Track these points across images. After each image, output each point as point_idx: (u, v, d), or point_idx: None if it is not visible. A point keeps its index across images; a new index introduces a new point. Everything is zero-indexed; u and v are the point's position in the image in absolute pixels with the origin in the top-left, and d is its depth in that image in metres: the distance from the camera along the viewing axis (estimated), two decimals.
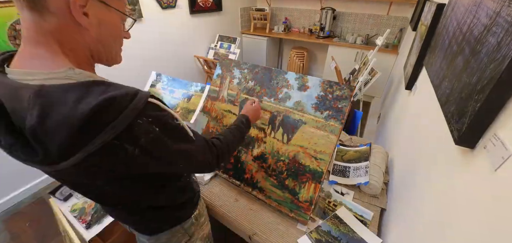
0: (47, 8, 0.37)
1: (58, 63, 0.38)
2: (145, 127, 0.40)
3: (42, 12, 0.37)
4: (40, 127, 0.34)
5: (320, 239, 0.89)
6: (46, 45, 0.39)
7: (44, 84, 0.35)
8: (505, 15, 0.50)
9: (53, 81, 0.36)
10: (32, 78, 0.36)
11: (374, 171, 1.09)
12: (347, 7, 3.38)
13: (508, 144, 0.43)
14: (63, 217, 1.13)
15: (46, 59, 0.39)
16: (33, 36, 0.38)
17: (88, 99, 0.34)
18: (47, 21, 0.37)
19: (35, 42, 0.39)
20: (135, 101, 0.38)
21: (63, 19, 0.38)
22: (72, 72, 0.38)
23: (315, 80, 1.01)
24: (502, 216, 0.41)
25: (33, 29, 0.38)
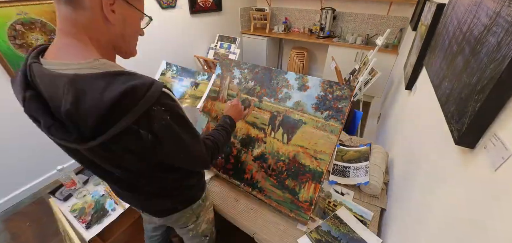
0: (82, 3, 0.42)
1: (86, 54, 0.44)
2: (159, 114, 0.45)
3: (76, 7, 0.42)
4: (74, 110, 0.39)
5: (320, 239, 0.89)
6: (77, 36, 0.44)
7: (77, 73, 0.40)
8: (505, 15, 0.50)
9: (83, 71, 0.41)
10: (66, 68, 0.42)
11: (374, 171, 1.09)
12: (347, 7, 3.38)
13: (508, 144, 0.43)
14: (63, 217, 1.13)
15: (76, 48, 0.44)
16: (67, 28, 0.44)
17: (113, 87, 0.40)
18: (80, 15, 0.43)
19: (68, 33, 0.44)
20: (152, 90, 0.44)
21: (94, 15, 0.44)
22: (97, 63, 0.43)
23: (315, 80, 1.01)
24: (502, 216, 0.41)
25: (67, 21, 0.44)
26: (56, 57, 0.45)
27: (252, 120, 1.12)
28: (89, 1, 0.43)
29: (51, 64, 0.43)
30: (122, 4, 0.48)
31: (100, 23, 0.46)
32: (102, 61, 0.44)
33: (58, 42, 0.46)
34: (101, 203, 1.19)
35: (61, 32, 0.45)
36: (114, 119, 0.41)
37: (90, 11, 0.44)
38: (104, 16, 0.45)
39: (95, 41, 0.47)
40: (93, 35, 0.46)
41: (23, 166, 1.88)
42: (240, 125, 1.14)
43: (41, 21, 1.70)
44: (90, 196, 1.22)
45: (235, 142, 1.14)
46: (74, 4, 0.42)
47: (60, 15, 0.44)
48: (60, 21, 0.44)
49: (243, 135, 1.13)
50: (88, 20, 0.44)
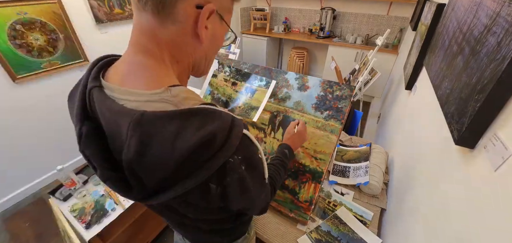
0: (174, 16, 0.34)
1: (161, 79, 0.36)
2: (234, 166, 0.37)
3: (166, 19, 0.34)
4: (138, 162, 0.31)
5: (320, 239, 0.89)
6: (156, 55, 0.37)
7: (145, 111, 0.31)
8: (505, 15, 0.50)
9: (152, 106, 0.33)
10: (133, 99, 0.34)
11: (374, 171, 1.09)
12: (347, 7, 3.38)
13: (508, 144, 0.43)
14: (63, 217, 1.13)
15: (152, 72, 0.36)
16: (146, 43, 0.36)
17: (186, 135, 0.31)
18: (167, 29, 0.35)
19: (145, 50, 0.36)
20: (232, 138, 0.35)
21: (184, 30, 0.36)
22: (169, 95, 0.34)
23: (315, 80, 1.01)
24: (502, 216, 0.41)
25: (148, 36, 0.36)
26: (123, 81, 0.36)
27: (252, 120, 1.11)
28: (182, 13, 0.34)
29: (116, 91, 0.35)
30: (215, 19, 0.39)
31: (188, 40, 0.38)
32: (175, 91, 0.35)
33: (130, 60, 0.37)
34: (101, 203, 1.19)
35: (136, 48, 0.37)
36: (184, 174, 0.33)
37: (181, 26, 0.36)
38: (195, 33, 0.37)
39: (176, 61, 0.40)
40: (176, 54, 0.39)
41: (23, 166, 1.88)
42: None
43: (41, 21, 1.71)
44: (90, 196, 1.22)
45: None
46: (164, 16, 0.34)
47: (139, 26, 0.36)
48: (137, 34, 0.36)
49: None
50: (175, 37, 0.36)
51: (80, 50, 1.98)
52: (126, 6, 2.21)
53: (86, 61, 2.04)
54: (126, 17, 2.25)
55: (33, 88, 1.79)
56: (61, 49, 1.87)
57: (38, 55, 1.75)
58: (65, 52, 1.89)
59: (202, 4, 0.35)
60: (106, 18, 2.10)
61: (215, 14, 0.37)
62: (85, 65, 2.06)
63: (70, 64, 1.95)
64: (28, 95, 1.78)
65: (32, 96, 1.80)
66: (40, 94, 1.84)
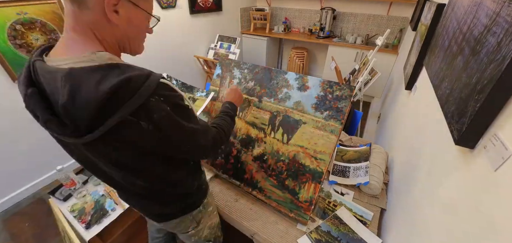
0: (86, 3, 0.43)
1: (87, 48, 0.45)
2: (157, 105, 0.45)
3: (81, 6, 0.43)
4: (70, 104, 0.39)
5: (320, 239, 0.89)
6: (81, 32, 0.45)
7: (73, 67, 0.41)
8: (505, 15, 0.50)
9: (80, 64, 0.42)
10: (64, 63, 0.43)
11: (374, 171, 1.09)
12: (347, 7, 3.38)
13: (508, 144, 0.43)
14: (63, 217, 1.13)
15: (79, 43, 0.45)
16: (73, 24, 0.45)
17: (108, 79, 0.40)
18: (84, 13, 0.44)
19: (73, 29, 0.45)
20: (149, 81, 0.43)
21: (97, 14, 0.45)
22: (94, 56, 0.43)
23: (315, 80, 1.01)
24: (502, 216, 0.41)
25: (73, 18, 0.45)
26: (59, 53, 0.46)
27: (252, 120, 1.11)
28: (92, 2, 0.43)
29: (53, 60, 0.44)
30: (127, 5, 0.47)
31: (104, 22, 0.46)
32: (100, 54, 0.44)
33: (64, 38, 0.47)
34: (100, 203, 1.19)
35: (68, 28, 0.46)
36: (110, 112, 0.41)
37: (94, 11, 0.44)
38: (107, 17, 0.45)
39: (101, 38, 0.48)
40: (98, 33, 0.47)
41: (23, 166, 1.88)
42: (240, 125, 1.14)
43: (41, 21, 1.70)
44: (89, 196, 1.22)
45: (235, 142, 1.14)
46: (78, 3, 0.43)
47: (66, 12, 0.45)
48: (67, 18, 0.45)
49: (243, 135, 1.13)
50: (92, 19, 0.45)
51: None
52: None
53: None
54: None
55: None
56: None
57: None
58: None
59: None
60: None
61: (123, 0, 0.46)
62: None
63: None
64: None
65: None
66: None
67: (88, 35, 0.46)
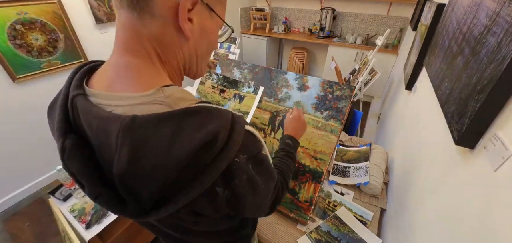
0: (151, 9, 0.31)
1: (151, 80, 0.33)
2: (241, 166, 0.34)
3: (143, 14, 0.31)
4: (131, 172, 0.28)
5: (320, 239, 0.89)
6: (140, 53, 0.33)
7: (136, 115, 0.28)
8: (505, 15, 0.50)
9: (143, 109, 0.30)
10: (122, 103, 0.30)
11: (374, 171, 1.09)
12: (347, 7, 3.38)
13: (508, 144, 0.43)
14: (63, 217, 1.13)
15: (140, 72, 0.33)
16: (128, 41, 0.33)
17: (183, 138, 0.28)
18: (147, 25, 0.32)
19: (128, 49, 0.33)
20: (235, 134, 0.32)
21: (165, 25, 0.33)
22: (162, 96, 0.31)
23: (315, 80, 1.01)
24: (502, 216, 0.41)
25: (130, 33, 0.32)
26: (110, 86, 0.32)
27: (252, 120, 1.11)
28: (160, 6, 0.31)
29: (101, 97, 0.31)
30: (202, 11, 0.35)
31: (172, 36, 0.34)
32: (168, 91, 0.32)
33: (115, 62, 0.34)
34: None
35: (121, 48, 0.33)
36: (184, 183, 0.29)
37: (161, 20, 0.32)
38: (177, 28, 0.33)
39: (164, 61, 0.36)
40: (162, 53, 0.35)
41: (23, 166, 1.88)
42: None
43: (41, 21, 1.70)
44: None
45: None
46: (141, 11, 0.31)
47: (121, 25, 0.33)
48: (120, 34, 0.33)
49: None
50: (157, 33, 0.33)
51: (80, 50, 1.98)
52: None
53: None
54: None
55: (33, 88, 1.79)
56: (61, 49, 1.86)
57: (38, 55, 1.75)
58: (65, 52, 1.89)
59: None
60: (106, 18, 2.10)
61: (200, 4, 0.34)
62: None
63: (70, 64, 1.94)
64: (28, 95, 1.78)
65: (32, 96, 1.79)
66: (40, 94, 1.84)
67: (150, 58, 0.34)
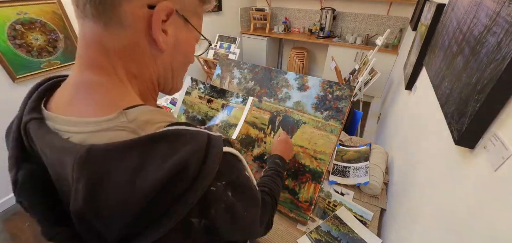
0: (119, 19, 0.28)
1: (116, 100, 0.29)
2: (218, 195, 0.30)
3: (110, 24, 0.28)
4: (90, 211, 0.25)
5: (320, 239, 0.89)
6: (104, 69, 0.30)
7: (93, 145, 0.24)
8: (505, 15, 0.50)
9: (103, 136, 0.26)
10: (76, 130, 0.27)
11: (374, 171, 1.09)
12: (347, 7, 3.38)
13: (508, 144, 0.43)
14: None
15: (100, 91, 0.29)
16: (94, 57, 0.29)
17: (148, 169, 0.25)
18: (114, 36, 0.29)
19: (95, 66, 0.29)
20: (209, 162, 0.28)
21: (135, 36, 0.30)
22: (124, 121, 0.27)
23: (315, 80, 1.01)
24: (502, 216, 0.41)
25: (94, 46, 0.29)
26: (69, 108, 0.29)
27: (252, 120, 1.11)
28: (130, 16, 0.28)
29: (59, 121, 0.28)
30: (178, 22, 0.32)
31: (143, 49, 0.31)
32: (133, 114, 0.28)
33: (75, 80, 0.30)
34: None
35: (82, 63, 0.30)
36: (153, 218, 0.26)
37: (131, 31, 0.29)
38: (151, 39, 0.31)
39: (133, 76, 0.32)
40: (131, 67, 0.31)
41: None
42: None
43: (40, 21, 1.70)
44: None
45: (235, 142, 1.14)
46: (108, 20, 0.28)
47: (83, 37, 0.29)
48: (82, 46, 0.30)
49: (243, 135, 1.13)
50: (126, 45, 0.30)
51: None
52: None
53: None
54: None
55: None
56: (61, 49, 1.87)
57: (38, 55, 1.75)
58: (65, 52, 1.89)
59: (155, 3, 0.29)
60: None
61: (175, 15, 0.31)
62: None
63: (70, 64, 1.94)
64: None
65: None
66: None
67: (117, 74, 0.30)
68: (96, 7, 0.27)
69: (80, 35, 0.30)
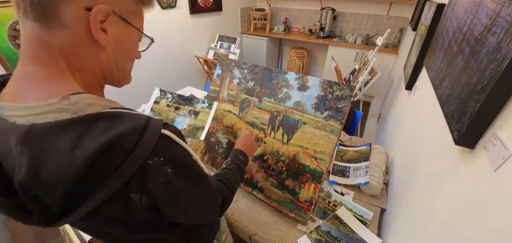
0: (60, 20, 0.31)
1: (56, 88, 0.32)
2: (156, 169, 0.33)
3: (51, 25, 0.31)
4: (32, 181, 0.27)
5: (320, 239, 0.89)
6: (46, 63, 0.32)
7: (35, 123, 0.28)
8: (505, 15, 0.50)
9: (43, 118, 0.29)
10: (19, 114, 0.29)
11: (374, 171, 1.09)
12: (347, 7, 3.38)
13: (508, 144, 0.43)
14: None
15: (44, 81, 0.32)
16: (35, 52, 0.32)
17: (87, 141, 0.28)
18: (56, 35, 0.32)
19: (35, 59, 0.32)
20: (146, 138, 0.31)
21: (76, 35, 0.33)
22: (66, 103, 0.30)
23: (315, 80, 1.01)
24: (502, 216, 0.41)
25: (37, 43, 0.32)
26: (12, 97, 0.32)
27: (252, 120, 1.11)
28: (69, 18, 0.31)
29: (6, 109, 0.30)
30: (117, 22, 0.36)
31: (85, 46, 0.34)
32: (75, 98, 0.31)
33: (21, 73, 0.33)
34: None
35: (26, 58, 0.33)
36: (92, 186, 0.29)
37: (72, 31, 0.32)
38: (91, 37, 0.34)
39: (77, 70, 0.35)
40: (74, 61, 0.34)
41: None
42: (240, 125, 1.14)
43: None
44: None
45: (235, 142, 1.14)
46: (49, 23, 0.31)
47: (26, 35, 0.32)
48: (26, 43, 0.32)
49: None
50: (68, 42, 0.33)
51: None
52: None
53: None
54: None
55: None
56: None
57: None
58: None
59: (92, 6, 0.32)
60: None
61: (113, 16, 0.35)
62: None
63: None
64: None
65: None
66: None
67: (58, 67, 0.33)
68: (36, 12, 0.30)
69: (23, 34, 0.32)
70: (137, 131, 0.31)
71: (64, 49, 0.33)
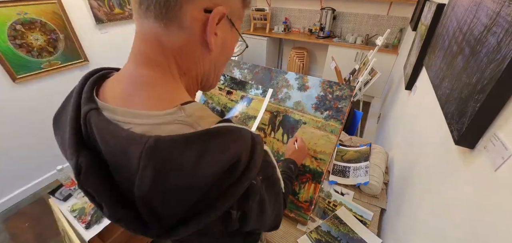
0: (180, 21, 0.30)
1: (172, 96, 0.32)
2: (256, 188, 0.33)
3: (170, 25, 0.30)
4: (155, 195, 0.27)
5: (320, 239, 0.89)
6: (163, 66, 0.32)
7: (160, 136, 0.26)
8: (505, 15, 0.50)
9: (164, 129, 0.28)
10: (141, 122, 0.29)
11: (374, 171, 1.09)
12: (347, 7, 3.38)
13: (508, 144, 0.43)
14: (63, 217, 1.13)
15: (159, 87, 0.32)
16: (151, 54, 0.32)
17: (207, 159, 0.27)
18: (173, 36, 0.31)
19: (151, 62, 0.32)
20: (256, 157, 0.31)
21: (190, 37, 0.32)
22: (183, 115, 0.30)
23: (315, 80, 1.01)
24: (502, 216, 0.41)
25: (152, 44, 0.31)
26: (126, 101, 0.31)
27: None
28: (189, 18, 0.30)
29: (119, 113, 0.30)
30: (225, 25, 0.35)
31: (195, 49, 0.34)
32: (189, 109, 0.31)
33: (131, 74, 0.32)
34: None
35: (138, 59, 0.32)
36: (207, 204, 0.29)
37: (188, 32, 0.31)
38: (203, 41, 0.33)
39: (183, 73, 0.35)
40: (182, 65, 0.34)
41: (23, 166, 1.88)
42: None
43: (41, 21, 1.70)
44: None
45: None
46: (169, 22, 0.30)
47: (141, 35, 0.32)
48: (139, 43, 0.32)
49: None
50: (182, 44, 0.32)
51: (80, 50, 1.98)
52: (126, 6, 2.21)
53: (86, 61, 2.04)
54: (126, 17, 2.25)
55: (33, 88, 1.79)
56: (61, 49, 1.87)
57: (38, 55, 1.75)
58: (65, 52, 1.89)
59: (211, 8, 0.31)
60: (106, 18, 2.10)
61: (225, 19, 0.34)
62: (85, 65, 2.06)
63: (70, 64, 1.95)
64: (28, 96, 1.78)
65: (32, 97, 1.80)
66: (40, 95, 1.84)
67: (171, 71, 0.33)
68: (160, 10, 0.29)
69: (138, 34, 0.32)
70: (248, 149, 0.31)
71: (178, 51, 0.32)
